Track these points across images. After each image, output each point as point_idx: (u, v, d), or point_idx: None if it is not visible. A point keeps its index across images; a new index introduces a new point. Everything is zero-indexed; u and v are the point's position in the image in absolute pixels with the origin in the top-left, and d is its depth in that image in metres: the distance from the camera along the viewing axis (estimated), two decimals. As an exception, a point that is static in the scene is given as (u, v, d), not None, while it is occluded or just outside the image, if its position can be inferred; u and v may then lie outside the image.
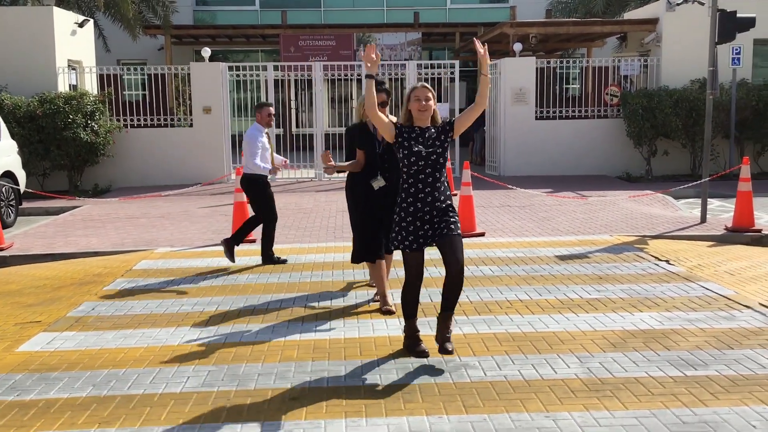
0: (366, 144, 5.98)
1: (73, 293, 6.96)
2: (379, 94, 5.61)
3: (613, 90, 16.63)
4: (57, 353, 5.21)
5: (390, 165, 5.92)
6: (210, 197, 13.70)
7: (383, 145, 5.91)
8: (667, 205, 12.03)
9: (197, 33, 23.01)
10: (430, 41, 25.11)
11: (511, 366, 4.76)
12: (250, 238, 9.24)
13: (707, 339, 5.20)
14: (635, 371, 4.60)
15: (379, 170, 5.94)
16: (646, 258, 7.89)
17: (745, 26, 10.03)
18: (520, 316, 5.87)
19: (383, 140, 5.82)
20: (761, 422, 3.86)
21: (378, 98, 5.32)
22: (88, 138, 14.29)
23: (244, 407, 4.20)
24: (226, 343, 5.36)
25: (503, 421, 3.92)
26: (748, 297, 6.29)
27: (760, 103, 15.33)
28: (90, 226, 10.89)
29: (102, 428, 3.95)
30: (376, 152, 5.95)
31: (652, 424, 3.85)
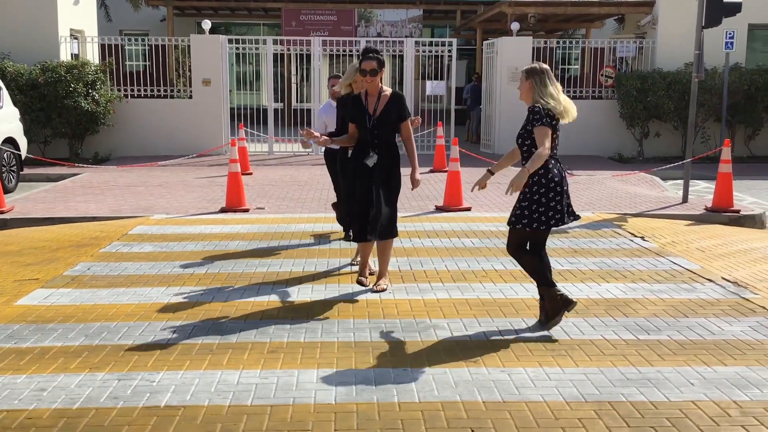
0: (358, 117, 5.78)
1: (70, 254, 7.28)
2: (369, 62, 5.62)
3: (608, 71, 16.84)
4: (53, 307, 5.54)
5: (380, 141, 5.76)
6: (207, 168, 14.00)
7: (375, 119, 5.73)
8: (654, 186, 12.31)
9: (199, 5, 23.15)
10: (432, 18, 25.23)
11: (477, 328, 5.08)
12: (242, 207, 9.56)
13: (665, 308, 5.52)
14: (592, 334, 4.93)
15: (370, 146, 5.74)
16: (622, 234, 8.19)
17: (731, 11, 10.22)
18: (493, 284, 6.19)
19: (375, 114, 5.73)
20: (700, 380, 4.18)
21: (366, 66, 5.60)
22: (89, 107, 14.56)
23: (224, 358, 4.53)
24: (213, 301, 5.68)
25: (462, 374, 4.25)
26: (713, 272, 6.60)
27: (752, 87, 15.55)
28: (89, 192, 11.20)
29: (92, 372, 4.28)
30: (366, 127, 5.74)
31: (597, 379, 4.18)
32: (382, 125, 5.74)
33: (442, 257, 7.12)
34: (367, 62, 5.66)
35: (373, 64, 5.64)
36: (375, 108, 5.77)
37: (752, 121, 16.01)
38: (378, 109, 5.77)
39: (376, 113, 5.76)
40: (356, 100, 5.85)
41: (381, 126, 5.74)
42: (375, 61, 5.64)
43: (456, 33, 23.65)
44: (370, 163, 5.67)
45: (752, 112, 15.88)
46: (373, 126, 5.74)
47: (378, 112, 5.77)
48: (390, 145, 5.83)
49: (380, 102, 5.78)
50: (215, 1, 23.38)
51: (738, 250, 7.59)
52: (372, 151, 5.70)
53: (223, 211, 9.56)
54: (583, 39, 19.52)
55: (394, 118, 5.79)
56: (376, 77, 5.67)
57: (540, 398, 3.94)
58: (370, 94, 5.82)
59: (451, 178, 9.78)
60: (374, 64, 5.64)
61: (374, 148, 5.72)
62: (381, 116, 5.75)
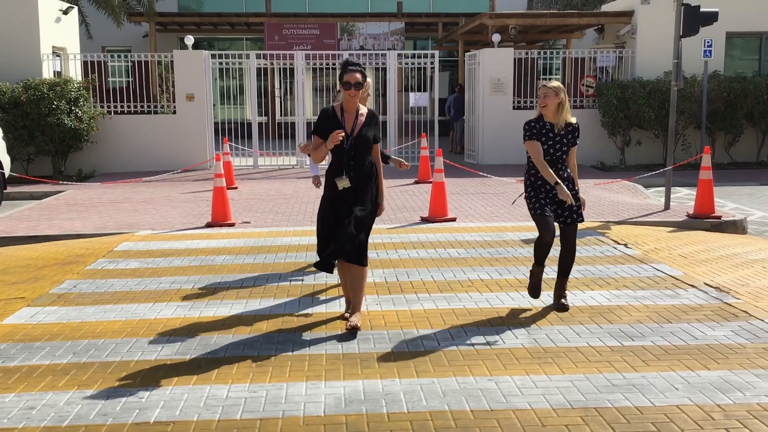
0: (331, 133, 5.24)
1: (56, 272, 7.26)
2: (352, 74, 5.22)
3: (588, 81, 17.02)
4: (40, 325, 5.53)
5: (357, 163, 5.31)
6: (192, 183, 14.00)
7: (352, 139, 5.27)
8: (636, 193, 12.44)
9: (182, 20, 23.19)
10: (414, 31, 25.42)
11: (464, 337, 5.12)
12: (228, 222, 9.57)
13: (649, 314, 5.59)
14: (577, 342, 4.99)
15: (345, 168, 5.29)
16: (605, 242, 8.27)
17: (708, 20, 10.39)
18: (479, 293, 6.24)
19: (353, 133, 5.30)
20: (684, 385, 4.24)
21: (351, 78, 5.20)
22: (72, 124, 14.53)
23: (213, 372, 4.54)
24: (200, 317, 5.69)
25: (450, 384, 4.28)
26: (695, 277, 6.69)
27: (731, 95, 15.77)
28: (73, 210, 11.17)
29: (81, 390, 4.28)
30: (344, 148, 5.27)
31: (584, 386, 4.23)
32: (360, 147, 5.31)
33: (428, 268, 7.17)
34: (350, 74, 5.24)
35: (357, 76, 5.24)
36: (353, 127, 5.33)
37: (732, 127, 16.22)
38: (356, 129, 5.33)
39: (354, 133, 5.33)
40: (332, 117, 5.35)
41: (358, 147, 5.31)
42: (359, 72, 5.26)
43: (438, 45, 23.83)
44: (339, 185, 5.27)
45: (732, 119, 16.09)
46: (350, 146, 5.28)
47: (356, 132, 5.33)
48: (366, 164, 5.38)
49: (358, 121, 5.34)
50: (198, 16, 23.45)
51: (720, 255, 7.69)
52: (345, 172, 5.28)
53: (209, 226, 9.56)
54: (564, 49, 19.72)
55: (371, 138, 5.39)
56: (359, 91, 5.27)
57: (527, 406, 3.98)
58: (347, 111, 5.37)
59: (435, 189, 9.85)
60: (359, 76, 5.24)
61: (349, 170, 5.29)
62: (359, 137, 5.31)
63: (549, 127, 5.60)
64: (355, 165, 5.30)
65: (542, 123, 5.62)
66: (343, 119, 5.34)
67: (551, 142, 5.60)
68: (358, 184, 5.30)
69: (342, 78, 5.26)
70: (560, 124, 5.58)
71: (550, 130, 5.60)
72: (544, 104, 5.55)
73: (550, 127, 5.60)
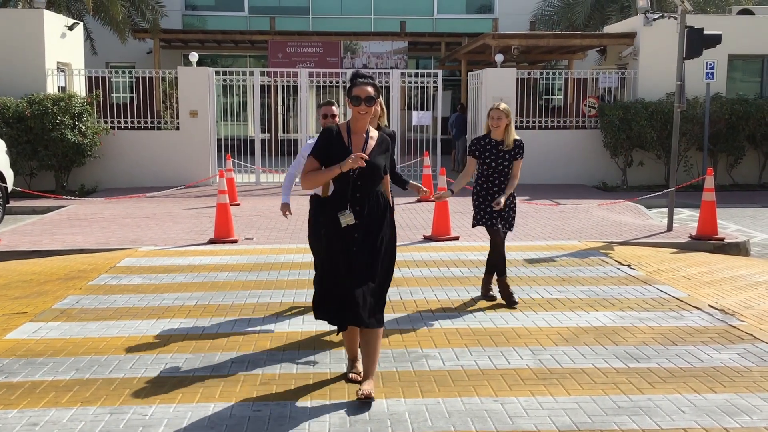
0: (334, 159, 4.36)
1: (58, 287, 7.25)
2: (362, 87, 4.40)
3: (591, 101, 17.08)
4: (42, 341, 5.51)
5: (363, 195, 4.41)
6: (195, 199, 14.00)
7: (360, 168, 4.35)
8: (638, 214, 12.44)
9: (186, 37, 23.30)
10: (417, 50, 25.53)
11: (468, 357, 5.10)
12: (231, 238, 9.56)
13: (654, 336, 5.57)
14: (582, 363, 4.96)
15: (350, 201, 4.39)
16: (609, 262, 8.26)
17: (711, 43, 10.43)
18: (483, 313, 6.22)
19: None
20: (690, 408, 4.22)
21: (361, 92, 4.38)
22: (76, 139, 14.57)
23: (217, 390, 4.52)
24: (204, 334, 5.67)
25: (455, 404, 4.26)
26: (699, 299, 6.67)
27: (733, 117, 15.82)
28: (76, 225, 11.16)
29: (84, 407, 4.26)
30: (349, 178, 4.37)
31: (590, 408, 4.21)
32: (368, 176, 4.41)
33: (431, 286, 7.15)
34: (360, 88, 4.41)
35: (368, 89, 4.41)
36: (362, 151, 4.45)
37: (734, 149, 16.25)
38: (365, 152, 4.45)
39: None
40: (336, 139, 4.47)
41: (366, 177, 4.40)
42: (370, 86, 4.44)
43: (441, 64, 23.91)
44: (343, 222, 4.36)
45: (734, 141, 16.13)
46: (357, 176, 4.38)
47: (366, 155, 4.40)
48: (375, 197, 4.48)
49: (368, 145, 4.49)
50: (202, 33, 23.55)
51: (723, 277, 7.68)
52: (350, 206, 4.38)
53: (212, 242, 9.56)
54: (566, 70, 19.79)
55: (382, 167, 4.49)
56: (372, 107, 4.43)
57: (533, 427, 3.96)
58: (355, 132, 4.49)
59: (438, 207, 9.85)
60: (370, 89, 4.42)
61: (354, 203, 4.39)
62: (369, 165, 4.37)
63: (494, 143, 6.40)
64: (361, 197, 4.42)
65: (488, 140, 6.44)
66: (350, 142, 4.47)
67: (494, 156, 6.39)
68: (367, 221, 4.42)
69: (350, 92, 4.45)
70: (508, 141, 6.36)
71: (495, 146, 6.39)
72: (497, 125, 6.33)
73: (495, 144, 6.39)
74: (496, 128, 6.36)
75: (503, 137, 6.37)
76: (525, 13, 26.17)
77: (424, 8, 28.02)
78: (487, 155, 6.40)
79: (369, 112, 4.48)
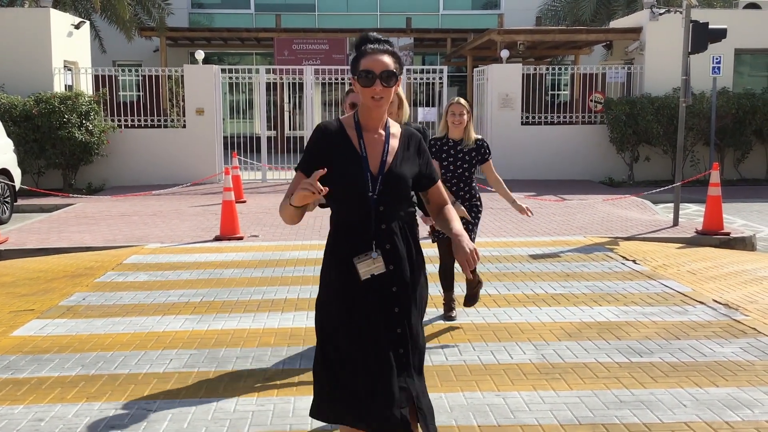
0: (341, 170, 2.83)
1: (65, 285, 7.30)
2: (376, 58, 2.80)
3: (597, 97, 17.04)
4: (49, 338, 5.55)
5: (389, 222, 2.84)
6: (201, 196, 14.05)
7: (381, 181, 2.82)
8: (644, 209, 12.42)
9: (192, 35, 23.35)
10: (423, 46, 25.52)
11: (471, 352, 5.12)
12: (237, 235, 9.61)
13: (657, 330, 5.58)
14: (585, 357, 4.98)
15: (373, 237, 2.82)
16: (614, 258, 8.26)
17: (717, 37, 10.41)
18: (487, 308, 6.24)
19: (383, 169, 2.83)
20: (692, 402, 4.23)
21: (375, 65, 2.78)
22: (83, 137, 14.64)
23: (221, 386, 4.56)
24: (209, 330, 5.71)
25: (457, 399, 4.28)
26: (704, 294, 6.67)
27: (740, 111, 15.75)
28: (83, 222, 11.23)
29: (89, 402, 4.30)
30: (368, 197, 2.82)
31: (591, 402, 4.22)
32: (395, 194, 2.86)
33: (434, 282, 7.14)
34: (371, 58, 2.80)
35: (385, 60, 2.79)
36: (383, 157, 2.86)
37: (741, 144, 16.20)
38: (387, 158, 2.86)
39: (385, 167, 2.85)
40: (339, 140, 2.87)
41: (392, 195, 2.85)
42: (389, 54, 2.84)
43: (447, 60, 23.91)
44: (363, 271, 2.80)
45: (741, 136, 16.07)
46: (379, 193, 2.82)
47: (387, 165, 2.86)
48: (405, 223, 2.92)
49: (389, 145, 2.88)
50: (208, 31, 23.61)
51: (729, 272, 7.67)
52: (376, 245, 2.81)
53: (218, 240, 9.60)
54: (573, 65, 19.75)
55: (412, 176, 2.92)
56: (392, 88, 2.82)
57: (535, 421, 3.98)
58: (367, 129, 2.88)
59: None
60: (388, 60, 2.80)
61: (380, 240, 2.83)
62: (392, 174, 2.85)
63: (452, 143, 5.71)
64: (387, 229, 2.83)
65: (445, 140, 5.73)
66: (363, 145, 2.85)
67: (452, 159, 5.69)
68: (401, 265, 2.85)
69: (357, 65, 2.85)
70: (469, 141, 5.70)
71: (453, 147, 5.70)
72: (459, 121, 5.63)
73: (453, 144, 5.71)
74: (457, 125, 5.66)
75: (462, 136, 5.72)
76: (531, 8, 26.13)
77: (430, 4, 28.01)
78: (445, 157, 5.70)
79: (387, 96, 2.81)
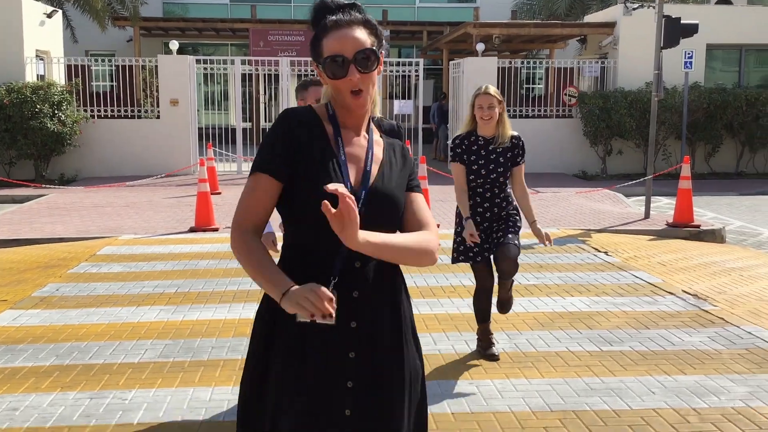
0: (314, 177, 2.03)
1: (38, 275, 7.24)
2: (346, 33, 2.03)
3: (571, 91, 17.19)
4: (22, 328, 5.52)
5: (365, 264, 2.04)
6: (175, 188, 13.98)
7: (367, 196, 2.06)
8: (617, 202, 12.57)
9: (166, 25, 23.14)
10: (399, 39, 25.53)
11: (445, 342, 5.18)
12: (212, 227, 9.58)
13: (627, 320, 5.68)
14: (557, 346, 5.06)
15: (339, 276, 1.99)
16: (586, 249, 8.37)
17: (689, 32, 10.56)
18: (461, 299, 6.30)
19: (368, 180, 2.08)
20: (660, 389, 4.33)
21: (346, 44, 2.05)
22: (55, 128, 14.48)
23: (196, 375, 4.57)
24: (184, 320, 5.71)
25: (431, 387, 4.33)
26: (673, 285, 6.79)
27: (711, 106, 15.97)
28: (55, 213, 11.12)
29: (64, 392, 4.30)
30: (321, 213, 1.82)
31: (563, 389, 4.30)
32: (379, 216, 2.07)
33: (410, 274, 7.21)
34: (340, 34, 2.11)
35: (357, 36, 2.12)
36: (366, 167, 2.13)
37: (712, 138, 16.42)
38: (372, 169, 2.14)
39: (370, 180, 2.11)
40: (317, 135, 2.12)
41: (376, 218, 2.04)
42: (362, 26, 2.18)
43: (423, 53, 23.94)
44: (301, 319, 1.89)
45: (712, 130, 16.29)
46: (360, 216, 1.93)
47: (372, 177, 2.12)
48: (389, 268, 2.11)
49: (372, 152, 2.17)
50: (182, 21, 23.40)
51: (698, 263, 7.81)
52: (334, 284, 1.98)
53: (193, 231, 9.57)
54: (547, 59, 19.89)
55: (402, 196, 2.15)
56: (373, 74, 2.11)
57: (507, 408, 4.05)
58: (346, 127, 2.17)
59: (419, 196, 9.90)
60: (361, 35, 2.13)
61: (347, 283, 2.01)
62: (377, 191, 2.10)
63: (482, 142, 4.61)
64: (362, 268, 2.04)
65: (474, 138, 4.63)
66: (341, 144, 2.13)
67: (483, 161, 4.58)
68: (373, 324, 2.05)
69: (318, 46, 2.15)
70: (503, 139, 4.60)
71: (484, 146, 4.60)
72: (490, 116, 4.53)
73: (484, 143, 4.61)
74: (487, 121, 4.53)
75: (495, 132, 4.62)
76: (506, 2, 26.23)
77: (406, -3, 28.05)
78: (475, 159, 4.58)
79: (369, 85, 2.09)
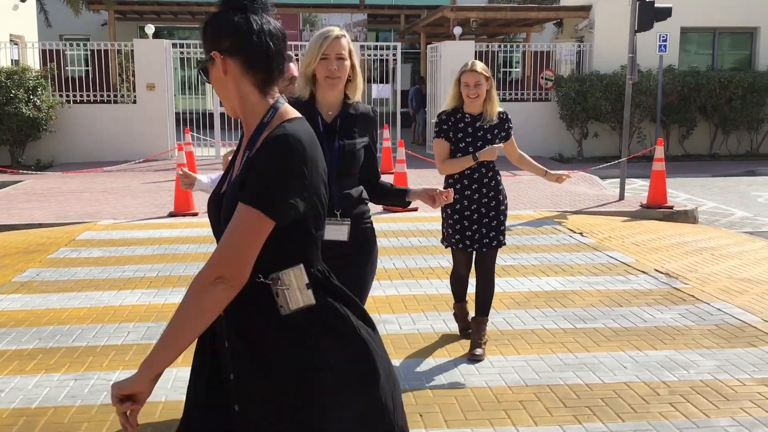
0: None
1: (17, 261, 7.25)
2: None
3: (547, 74, 17.32)
4: (4, 313, 5.55)
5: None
6: (153, 173, 13.95)
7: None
8: (592, 184, 12.75)
9: (141, 9, 22.93)
10: (376, 23, 25.54)
11: (424, 321, 5.29)
12: (191, 211, 9.61)
13: (601, 298, 5.83)
14: (532, 325, 5.19)
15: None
16: (562, 230, 8.52)
17: (662, 15, 10.69)
18: (440, 280, 6.41)
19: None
20: (632, 363, 4.47)
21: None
22: (30, 113, 14.35)
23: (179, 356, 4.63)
24: (166, 303, 5.77)
25: (410, 365, 4.46)
26: (646, 264, 6.96)
27: (685, 89, 16.19)
28: (33, 199, 11.08)
29: (48, 374, 4.36)
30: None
31: (538, 365, 4.43)
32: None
33: (390, 256, 7.32)
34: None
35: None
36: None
37: (686, 121, 16.66)
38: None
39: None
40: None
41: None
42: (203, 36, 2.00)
43: (400, 37, 23.96)
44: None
45: (686, 113, 16.52)
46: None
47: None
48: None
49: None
50: (157, 5, 23.18)
51: (671, 243, 7.99)
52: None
53: (172, 216, 9.59)
54: (524, 43, 20.00)
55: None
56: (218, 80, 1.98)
57: (484, 384, 4.17)
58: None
59: (397, 179, 10.00)
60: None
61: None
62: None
63: (469, 119, 4.53)
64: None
65: (460, 114, 4.54)
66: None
67: (471, 138, 4.51)
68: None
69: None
70: (490, 116, 4.53)
71: (471, 123, 4.52)
72: (476, 94, 4.42)
73: (471, 120, 4.53)
74: (473, 99, 4.45)
75: (482, 109, 4.53)
76: (484, -15, 26.30)
77: (384, -20, 27.95)
78: (461, 137, 4.50)
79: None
